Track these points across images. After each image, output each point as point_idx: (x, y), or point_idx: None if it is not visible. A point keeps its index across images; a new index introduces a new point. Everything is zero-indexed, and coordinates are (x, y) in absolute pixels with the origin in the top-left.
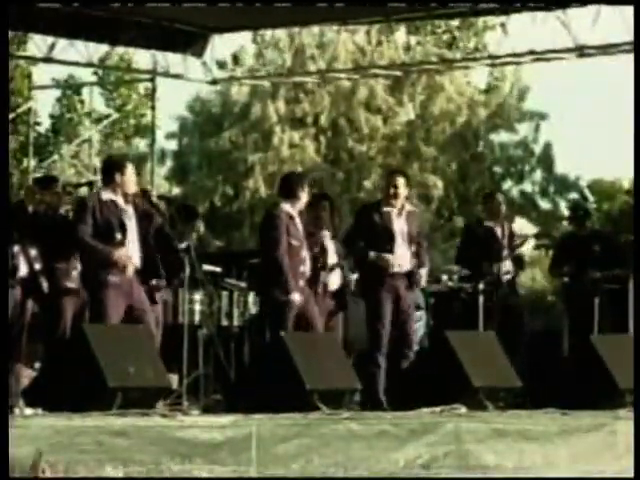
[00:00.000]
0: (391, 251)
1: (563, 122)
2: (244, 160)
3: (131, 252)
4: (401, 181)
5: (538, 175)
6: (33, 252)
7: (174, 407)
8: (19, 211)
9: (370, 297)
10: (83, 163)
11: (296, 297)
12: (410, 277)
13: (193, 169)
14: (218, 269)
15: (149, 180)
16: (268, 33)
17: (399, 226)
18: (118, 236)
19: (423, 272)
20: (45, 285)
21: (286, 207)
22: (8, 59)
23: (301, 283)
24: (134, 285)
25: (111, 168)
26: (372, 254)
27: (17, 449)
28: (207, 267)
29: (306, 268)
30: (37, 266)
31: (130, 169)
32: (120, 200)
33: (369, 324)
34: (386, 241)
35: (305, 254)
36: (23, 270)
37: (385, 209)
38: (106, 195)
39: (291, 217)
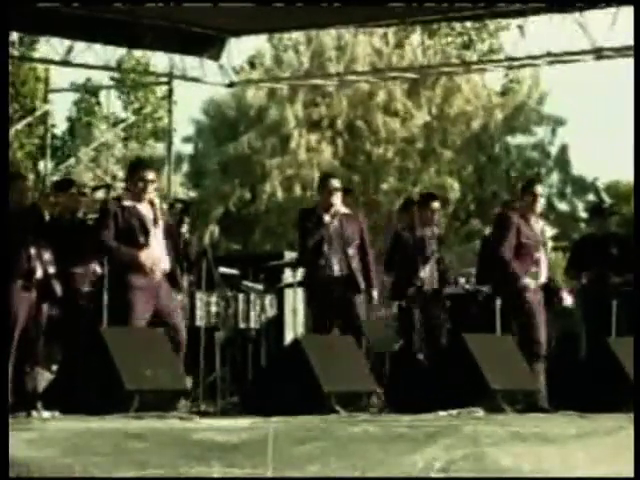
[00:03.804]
0: None
1: (580, 125)
2: (261, 164)
3: (157, 255)
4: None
5: (555, 177)
6: (47, 256)
7: (191, 409)
8: (32, 214)
9: None
10: (103, 168)
11: (526, 280)
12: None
13: (209, 173)
14: (235, 271)
15: (166, 184)
16: (285, 36)
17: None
18: (141, 239)
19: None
20: (58, 289)
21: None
22: (8, 59)
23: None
24: (161, 288)
25: (133, 173)
26: None
27: (35, 452)
28: (224, 269)
29: (539, 269)
30: (51, 270)
31: (152, 175)
32: (142, 206)
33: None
34: None
35: (538, 255)
36: (39, 273)
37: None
38: (127, 201)
39: (526, 219)
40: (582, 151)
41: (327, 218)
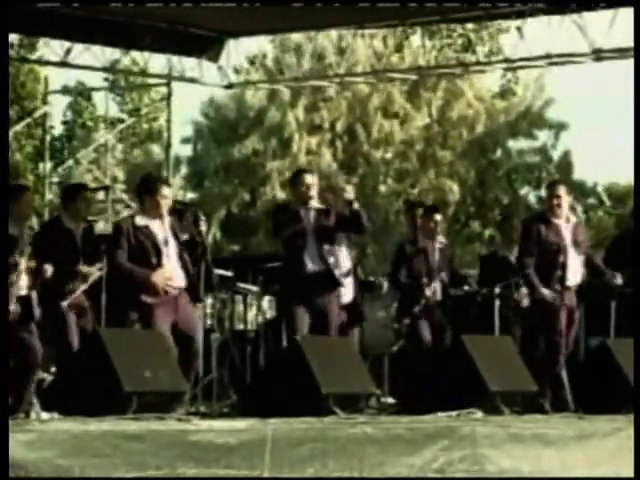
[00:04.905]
0: None
1: (579, 128)
2: (262, 167)
3: (171, 274)
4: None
5: None
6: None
7: (190, 411)
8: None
9: None
10: (102, 170)
11: (546, 292)
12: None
13: (210, 175)
14: (229, 273)
15: None
16: (286, 37)
17: None
18: (154, 260)
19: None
20: (37, 312)
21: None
22: (8, 61)
23: (556, 286)
24: (180, 301)
25: (144, 190)
26: None
27: (33, 453)
28: (219, 271)
29: (565, 273)
30: (32, 294)
31: (167, 191)
32: (154, 224)
33: None
34: None
35: (563, 259)
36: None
37: None
38: (140, 220)
39: (548, 223)
40: (581, 153)
41: (303, 212)
